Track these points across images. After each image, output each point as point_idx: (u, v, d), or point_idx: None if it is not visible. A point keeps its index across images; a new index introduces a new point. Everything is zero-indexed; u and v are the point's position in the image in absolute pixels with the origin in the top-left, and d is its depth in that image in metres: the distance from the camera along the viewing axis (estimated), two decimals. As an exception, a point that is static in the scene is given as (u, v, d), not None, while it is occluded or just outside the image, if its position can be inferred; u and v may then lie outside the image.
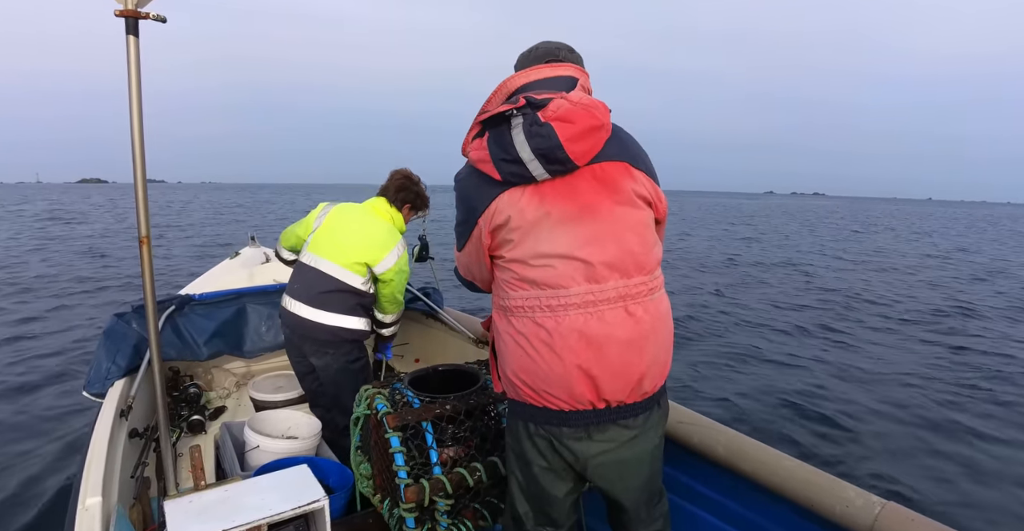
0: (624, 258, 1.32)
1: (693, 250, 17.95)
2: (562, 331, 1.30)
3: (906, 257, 18.60)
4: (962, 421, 4.91)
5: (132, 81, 1.74)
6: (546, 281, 1.31)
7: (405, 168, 2.79)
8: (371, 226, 2.60)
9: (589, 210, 1.32)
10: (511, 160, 1.29)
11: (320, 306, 2.53)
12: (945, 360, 6.73)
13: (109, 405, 2.26)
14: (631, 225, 1.35)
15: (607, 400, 1.34)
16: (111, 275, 11.65)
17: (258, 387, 3.27)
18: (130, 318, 2.83)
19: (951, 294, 11.48)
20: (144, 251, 1.89)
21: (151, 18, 1.73)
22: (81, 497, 1.64)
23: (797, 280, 12.71)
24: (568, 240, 1.31)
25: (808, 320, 8.51)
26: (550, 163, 1.28)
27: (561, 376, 1.32)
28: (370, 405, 1.88)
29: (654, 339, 1.36)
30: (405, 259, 2.64)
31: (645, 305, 1.34)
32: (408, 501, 1.69)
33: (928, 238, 28.04)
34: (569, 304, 1.30)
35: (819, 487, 1.61)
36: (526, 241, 1.33)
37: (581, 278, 1.30)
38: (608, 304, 1.30)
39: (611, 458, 1.40)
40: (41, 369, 5.79)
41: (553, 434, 1.40)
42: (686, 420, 2.00)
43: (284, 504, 1.66)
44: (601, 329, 1.30)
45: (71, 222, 26.09)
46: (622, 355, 1.31)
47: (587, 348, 1.30)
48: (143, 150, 1.81)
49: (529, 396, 1.39)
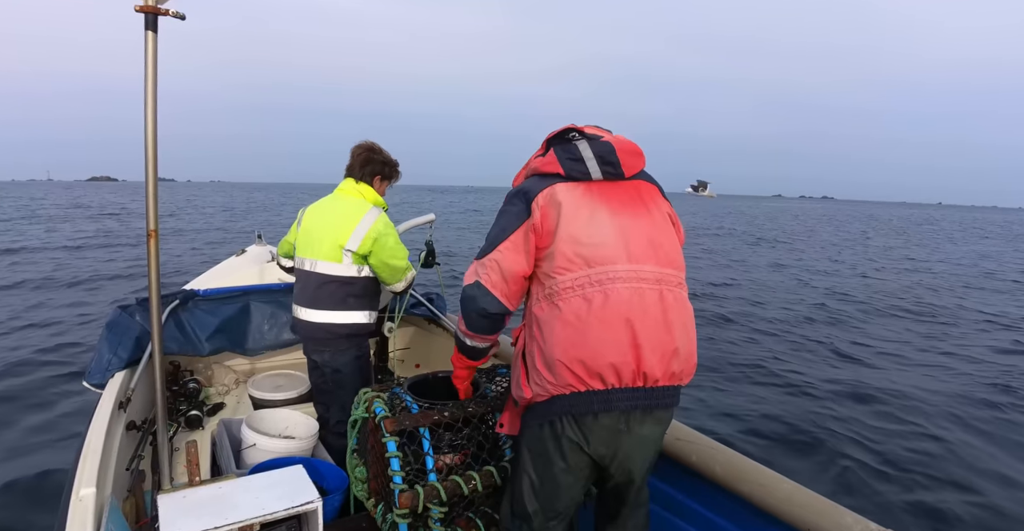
0: (658, 250, 1.51)
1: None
2: (611, 303, 1.44)
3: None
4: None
5: (149, 77, 1.75)
6: (596, 258, 1.47)
7: (366, 140, 2.68)
8: (337, 209, 2.55)
9: (631, 209, 1.54)
10: (575, 159, 1.54)
11: (313, 305, 2.54)
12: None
13: (108, 396, 2.26)
14: (664, 229, 1.57)
15: (646, 375, 1.44)
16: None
17: (258, 385, 3.27)
18: (133, 311, 2.84)
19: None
20: (151, 244, 1.89)
21: (171, 15, 1.74)
22: (75, 487, 1.64)
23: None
24: (613, 227, 1.50)
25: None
26: (605, 164, 1.54)
27: (612, 343, 1.42)
28: (368, 408, 1.88)
29: (681, 327, 1.49)
30: (382, 221, 2.49)
31: (675, 294, 1.51)
32: (402, 507, 1.69)
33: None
34: (616, 278, 1.45)
35: (816, 511, 1.60)
36: (577, 221, 1.49)
37: (624, 258, 1.47)
38: (648, 283, 1.47)
39: (639, 452, 1.53)
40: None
41: (586, 429, 1.46)
42: (684, 437, 1.98)
43: (277, 504, 1.66)
44: (642, 305, 1.45)
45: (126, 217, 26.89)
46: (658, 332, 1.45)
47: (632, 319, 1.43)
48: (155, 146, 1.82)
49: (575, 379, 1.43)
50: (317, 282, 2.52)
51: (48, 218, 26.17)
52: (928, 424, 5.09)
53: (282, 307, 3.35)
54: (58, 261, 13.05)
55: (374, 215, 2.50)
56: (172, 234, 19.54)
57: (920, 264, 18.21)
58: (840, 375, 6.40)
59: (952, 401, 5.66)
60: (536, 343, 1.52)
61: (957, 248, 25.23)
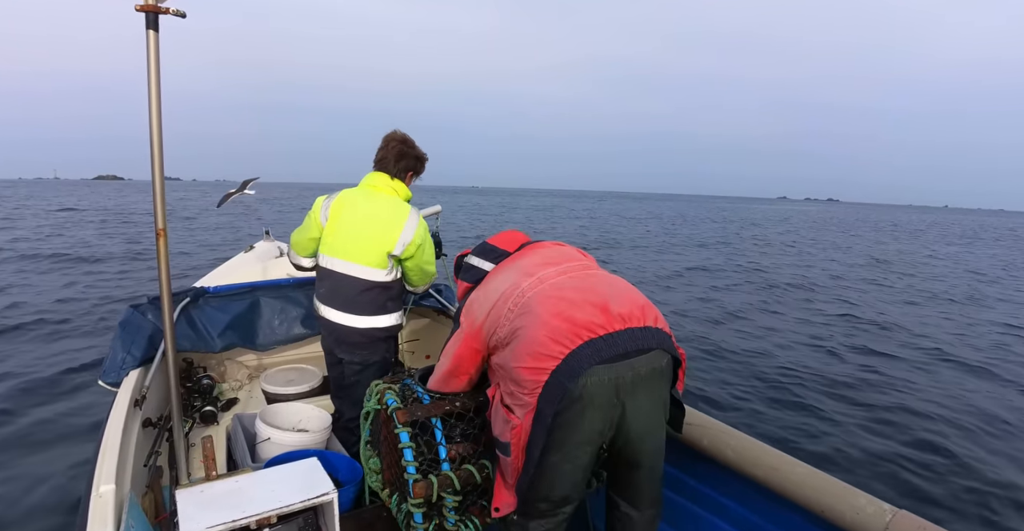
0: (562, 258, 1.83)
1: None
2: (548, 292, 1.62)
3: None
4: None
5: (151, 76, 1.76)
6: (503, 298, 1.71)
7: (398, 131, 2.53)
8: (378, 210, 2.42)
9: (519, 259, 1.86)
10: (476, 268, 1.92)
11: (352, 310, 2.45)
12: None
13: (124, 395, 2.29)
14: (555, 248, 1.89)
15: (622, 316, 1.52)
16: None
17: (270, 380, 3.29)
18: (146, 309, 2.87)
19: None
20: (160, 244, 1.91)
21: (171, 13, 1.74)
22: (95, 484, 1.66)
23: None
24: (513, 274, 1.76)
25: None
26: (496, 258, 1.90)
27: (577, 307, 1.54)
28: (380, 400, 1.89)
29: (624, 284, 1.72)
30: (424, 228, 2.46)
31: (604, 271, 1.80)
32: (416, 496, 1.70)
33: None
34: (536, 285, 1.67)
35: (830, 493, 1.60)
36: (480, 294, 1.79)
37: (529, 274, 1.75)
38: (574, 270, 1.72)
39: (643, 403, 1.54)
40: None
41: (590, 389, 1.47)
42: (696, 422, 1.98)
43: (294, 496, 1.68)
44: (579, 281, 1.67)
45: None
46: (608, 287, 1.65)
47: (576, 288, 1.62)
48: (161, 145, 1.82)
49: (562, 343, 1.48)
50: (358, 288, 2.43)
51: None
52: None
53: (292, 302, 3.37)
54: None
55: (416, 219, 2.43)
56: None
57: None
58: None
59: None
60: (507, 369, 1.57)
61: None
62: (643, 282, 12.09)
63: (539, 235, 6.64)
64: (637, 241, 22.27)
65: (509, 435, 1.56)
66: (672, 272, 13.96)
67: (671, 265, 15.17)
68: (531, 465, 1.53)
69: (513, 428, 1.55)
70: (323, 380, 3.29)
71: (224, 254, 10.78)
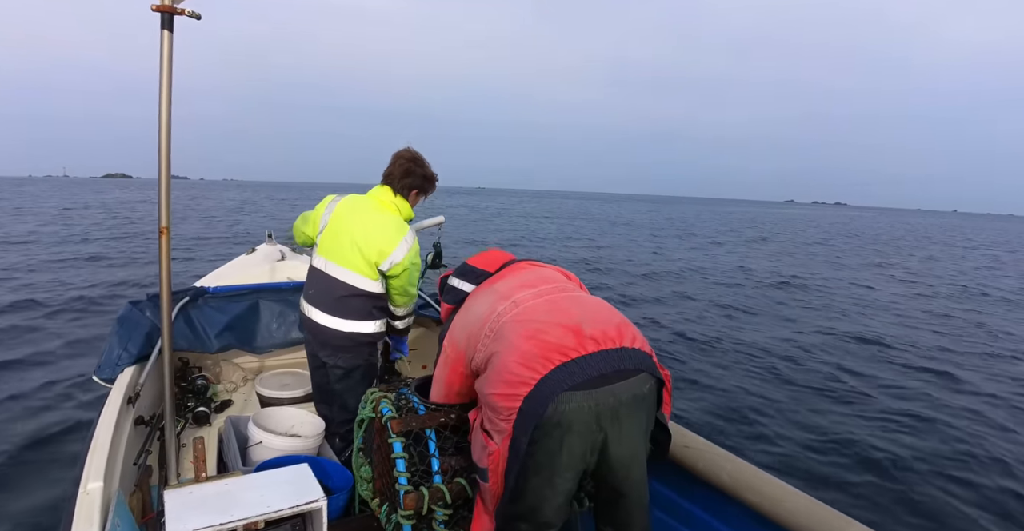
0: (543, 280, 1.82)
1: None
2: (523, 316, 1.61)
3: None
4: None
5: (164, 76, 1.77)
6: (478, 322, 1.73)
7: (409, 149, 2.55)
8: (377, 222, 2.44)
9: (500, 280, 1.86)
10: (456, 289, 1.95)
11: (336, 313, 2.48)
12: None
13: (117, 391, 2.28)
14: (537, 272, 1.87)
15: (595, 339, 1.49)
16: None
17: (265, 383, 3.28)
18: (144, 307, 2.86)
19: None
20: (163, 241, 1.91)
21: (186, 14, 1.75)
22: (83, 480, 1.65)
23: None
24: (492, 297, 1.75)
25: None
26: (476, 279, 1.91)
27: (550, 330, 1.52)
28: (375, 408, 1.88)
29: (601, 305, 1.69)
30: (415, 252, 2.48)
31: (582, 293, 1.79)
32: (407, 508, 1.68)
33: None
34: (510, 310, 1.66)
35: (825, 523, 1.58)
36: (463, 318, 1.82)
37: (508, 297, 1.75)
38: (552, 293, 1.70)
39: (626, 431, 1.50)
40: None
41: (567, 414, 1.43)
42: (692, 445, 1.97)
43: (282, 502, 1.66)
44: (554, 304, 1.65)
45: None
46: (583, 311, 1.61)
47: (550, 311, 1.61)
48: (169, 145, 1.83)
49: (535, 368, 1.45)
50: (343, 292, 2.45)
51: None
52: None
53: (291, 306, 3.37)
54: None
55: (410, 242, 2.45)
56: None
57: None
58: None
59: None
60: (484, 396, 1.56)
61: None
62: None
63: (515, 246, 6.16)
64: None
65: (487, 461, 1.55)
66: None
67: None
68: (509, 491, 1.51)
69: (490, 454, 1.53)
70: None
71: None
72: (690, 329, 8.41)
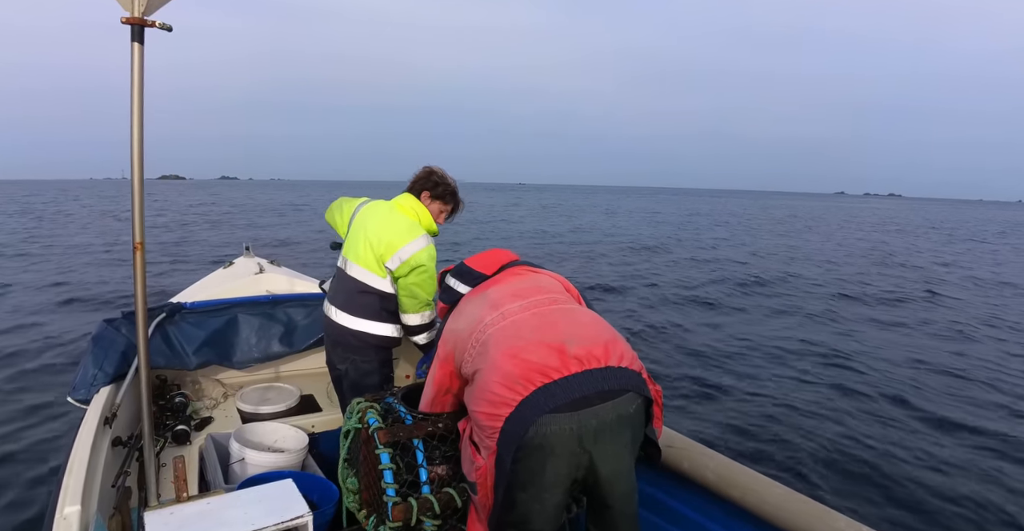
0: (540, 290, 1.79)
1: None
2: (510, 328, 1.61)
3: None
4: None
5: (135, 88, 1.75)
6: (470, 327, 1.72)
7: (433, 167, 2.65)
8: (391, 220, 2.52)
9: (495, 285, 1.84)
10: (452, 289, 1.94)
11: (348, 310, 2.54)
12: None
13: (93, 412, 2.22)
14: (533, 279, 1.84)
15: (578, 358, 1.47)
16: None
17: (246, 398, 3.22)
18: (119, 324, 2.80)
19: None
20: (137, 257, 1.88)
21: (157, 26, 1.74)
22: (60, 505, 1.61)
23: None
24: (482, 304, 1.75)
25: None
26: (473, 280, 1.89)
27: (531, 347, 1.50)
28: (362, 419, 1.86)
29: (590, 321, 1.66)
30: (427, 254, 2.45)
31: (572, 306, 1.75)
32: (395, 520, 1.67)
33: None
34: (496, 320, 1.66)
35: (808, 515, 1.60)
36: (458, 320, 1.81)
37: (495, 309, 1.73)
38: (542, 305, 1.68)
39: (610, 450, 1.48)
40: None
41: (548, 437, 1.42)
42: (676, 444, 1.99)
43: (267, 519, 1.63)
44: (541, 318, 1.63)
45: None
46: (569, 327, 1.60)
47: (534, 328, 1.58)
48: (142, 157, 1.81)
49: (516, 390, 1.44)
50: (355, 289, 2.53)
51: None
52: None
53: (270, 319, 3.33)
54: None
55: (422, 243, 2.45)
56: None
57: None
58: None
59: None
60: (470, 411, 1.57)
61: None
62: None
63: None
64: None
65: (475, 475, 1.56)
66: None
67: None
68: (499, 504, 1.51)
69: (478, 469, 1.54)
70: (300, 399, 3.24)
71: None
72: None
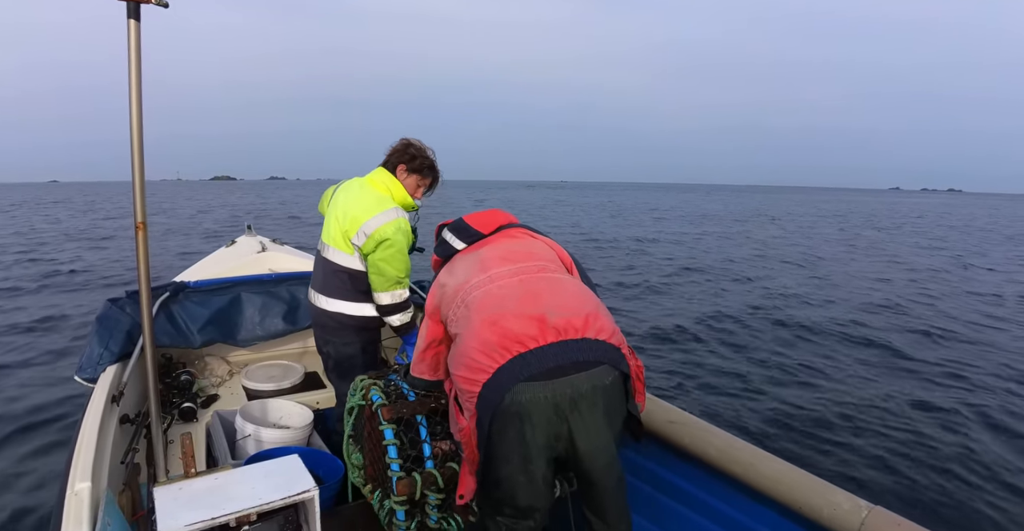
0: (527, 255, 1.81)
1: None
2: (493, 294, 1.62)
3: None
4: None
5: (132, 69, 1.71)
6: (459, 285, 1.75)
7: (412, 139, 2.53)
8: (358, 195, 2.42)
9: (490, 245, 1.86)
10: (446, 243, 1.95)
11: (325, 292, 2.51)
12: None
13: (100, 391, 2.25)
14: (527, 243, 1.85)
15: (557, 328, 1.48)
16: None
17: (251, 376, 3.26)
18: (124, 304, 2.82)
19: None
20: (140, 237, 1.87)
21: (153, 3, 1.70)
22: (70, 482, 1.63)
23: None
24: (474, 262, 1.77)
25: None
26: (468, 237, 1.89)
27: (512, 313, 1.52)
28: (365, 396, 1.88)
29: (573, 292, 1.67)
30: (394, 227, 2.31)
31: (560, 276, 1.75)
32: (400, 494, 1.70)
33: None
34: (483, 283, 1.68)
35: (808, 490, 1.62)
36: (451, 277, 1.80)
37: (484, 271, 1.75)
38: (529, 272, 1.70)
39: (588, 421, 1.49)
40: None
41: (525, 405, 1.44)
42: (677, 420, 2.00)
43: (274, 493, 1.66)
44: (522, 287, 1.64)
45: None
46: (552, 297, 1.61)
47: (516, 296, 1.60)
48: (141, 140, 1.79)
49: (493, 357, 1.46)
50: (328, 269, 2.48)
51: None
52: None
53: (273, 297, 3.34)
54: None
55: (390, 216, 2.33)
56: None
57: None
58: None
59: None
60: (455, 363, 1.57)
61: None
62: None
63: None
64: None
65: (459, 435, 1.59)
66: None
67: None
68: (484, 462, 1.54)
69: (461, 430, 1.57)
70: (304, 376, 3.27)
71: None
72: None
